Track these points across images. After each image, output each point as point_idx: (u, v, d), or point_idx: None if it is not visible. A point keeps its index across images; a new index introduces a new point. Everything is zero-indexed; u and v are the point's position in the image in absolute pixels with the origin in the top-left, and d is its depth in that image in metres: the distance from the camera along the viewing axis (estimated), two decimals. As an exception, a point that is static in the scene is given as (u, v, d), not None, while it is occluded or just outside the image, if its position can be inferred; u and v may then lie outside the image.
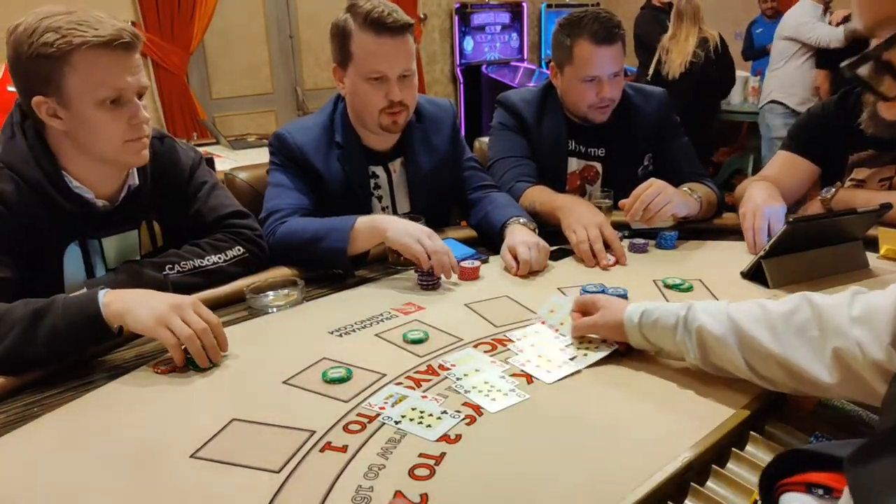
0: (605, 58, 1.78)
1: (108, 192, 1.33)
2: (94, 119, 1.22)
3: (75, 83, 1.18)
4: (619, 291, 1.32)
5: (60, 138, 1.25)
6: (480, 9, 6.03)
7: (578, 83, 1.82)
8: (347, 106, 1.69)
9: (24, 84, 1.22)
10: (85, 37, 1.16)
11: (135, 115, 1.25)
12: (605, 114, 1.87)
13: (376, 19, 1.52)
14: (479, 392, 0.99)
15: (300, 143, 1.63)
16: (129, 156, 1.28)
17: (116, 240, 1.37)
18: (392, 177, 1.74)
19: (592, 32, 1.76)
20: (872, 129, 1.65)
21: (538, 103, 1.95)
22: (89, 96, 1.20)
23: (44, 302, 1.09)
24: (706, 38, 4.23)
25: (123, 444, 0.90)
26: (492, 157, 1.96)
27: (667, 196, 1.57)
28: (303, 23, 5.22)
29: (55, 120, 1.22)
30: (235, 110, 5.04)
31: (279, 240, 1.50)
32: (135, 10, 4.34)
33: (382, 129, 1.63)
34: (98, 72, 1.19)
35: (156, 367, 1.11)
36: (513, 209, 1.66)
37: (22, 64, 1.19)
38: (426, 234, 1.40)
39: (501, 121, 1.98)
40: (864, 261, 1.45)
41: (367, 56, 1.55)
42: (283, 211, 1.56)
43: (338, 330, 1.23)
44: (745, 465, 0.83)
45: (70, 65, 1.17)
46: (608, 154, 1.96)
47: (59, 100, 1.20)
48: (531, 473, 0.81)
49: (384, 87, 1.57)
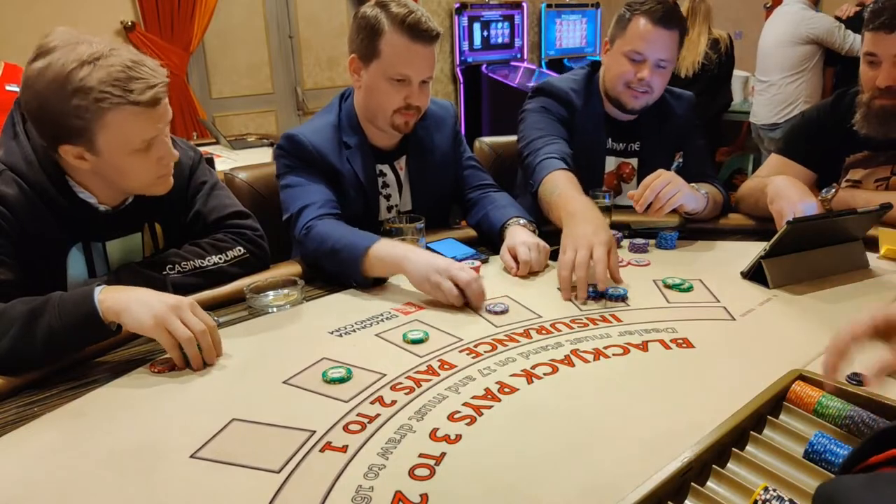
0: (656, 39, 1.75)
1: (111, 199, 1.33)
2: (126, 166, 1.21)
3: (109, 139, 1.17)
4: (619, 292, 1.32)
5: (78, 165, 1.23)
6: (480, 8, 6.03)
7: (622, 57, 1.79)
8: (357, 101, 1.67)
9: (49, 132, 1.18)
10: (121, 103, 1.13)
11: (164, 156, 1.25)
12: (639, 100, 1.82)
13: (414, 24, 1.51)
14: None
15: (317, 144, 1.61)
16: (157, 188, 1.29)
17: (120, 242, 1.36)
18: (399, 175, 1.75)
19: (653, 11, 1.75)
20: (866, 129, 1.66)
21: (584, 93, 1.92)
22: (123, 149, 1.19)
23: (40, 300, 1.08)
24: (717, 38, 4.22)
25: (123, 444, 0.90)
26: (528, 137, 1.83)
27: (675, 186, 1.58)
28: (303, 23, 5.22)
29: (82, 162, 1.20)
30: (235, 110, 5.04)
31: (313, 239, 1.47)
32: (135, 10, 4.33)
33: (393, 127, 1.63)
34: (134, 129, 1.17)
35: (153, 366, 1.11)
36: (513, 209, 1.66)
37: (48, 115, 1.14)
38: (446, 271, 1.30)
39: (545, 105, 1.89)
40: (864, 261, 1.45)
41: (396, 57, 1.54)
42: (316, 203, 1.53)
43: (338, 330, 1.23)
44: (745, 465, 0.83)
45: (104, 125, 1.15)
46: (643, 149, 1.95)
47: (89, 148, 1.18)
48: (531, 473, 0.81)
49: (405, 89, 1.57)
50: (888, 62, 1.58)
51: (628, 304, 1.31)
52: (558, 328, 1.20)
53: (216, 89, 4.94)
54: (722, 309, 1.28)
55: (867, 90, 1.65)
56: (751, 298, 1.32)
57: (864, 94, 1.66)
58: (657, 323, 1.21)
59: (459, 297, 1.29)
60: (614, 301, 1.32)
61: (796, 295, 1.33)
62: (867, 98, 1.64)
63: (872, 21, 1.58)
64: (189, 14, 4.47)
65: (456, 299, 1.29)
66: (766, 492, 0.74)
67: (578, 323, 1.22)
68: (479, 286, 1.30)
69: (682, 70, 4.21)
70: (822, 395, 0.91)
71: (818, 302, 1.30)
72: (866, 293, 1.33)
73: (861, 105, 1.67)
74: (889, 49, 1.57)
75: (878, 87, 1.60)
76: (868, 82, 1.64)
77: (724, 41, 4.23)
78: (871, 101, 1.64)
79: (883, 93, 1.60)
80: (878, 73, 1.60)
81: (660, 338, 1.16)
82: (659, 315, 1.25)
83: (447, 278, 1.29)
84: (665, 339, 1.15)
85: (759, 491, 0.75)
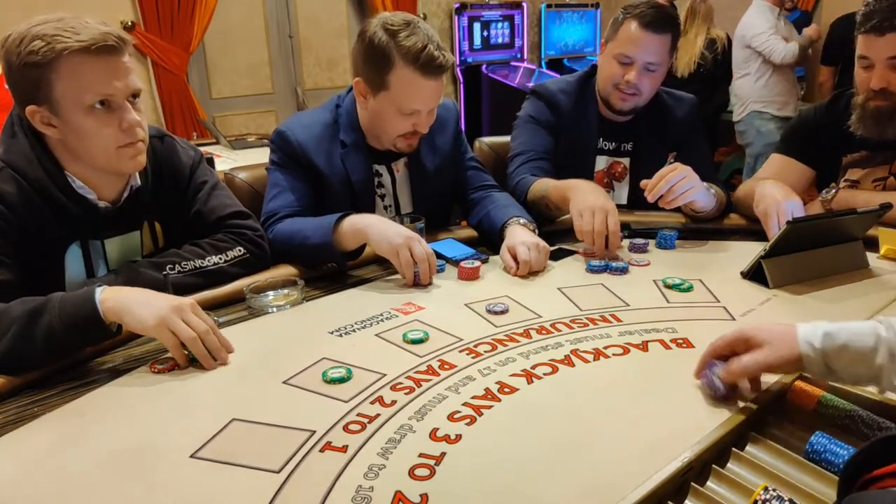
0: (645, 43, 1.76)
1: (110, 194, 1.33)
2: (84, 126, 1.21)
3: (62, 90, 1.18)
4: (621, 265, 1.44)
5: (58, 144, 1.26)
6: (480, 9, 6.03)
7: (612, 59, 1.81)
8: (361, 115, 1.67)
9: (18, 93, 1.22)
10: (67, 43, 1.15)
11: (124, 119, 1.23)
12: (626, 102, 1.84)
13: (427, 62, 1.48)
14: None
15: (301, 141, 1.62)
16: (124, 162, 1.27)
17: (119, 241, 1.36)
18: (395, 176, 1.74)
19: (643, 15, 1.75)
20: (861, 130, 1.67)
21: (575, 95, 1.94)
22: (76, 102, 1.19)
23: (40, 300, 1.08)
24: (714, 39, 4.24)
25: (123, 444, 0.90)
26: (513, 149, 1.93)
27: (690, 182, 1.58)
28: (302, 23, 5.22)
29: (50, 128, 1.22)
30: (235, 110, 5.04)
31: (274, 242, 1.51)
32: (135, 10, 4.33)
33: (396, 149, 1.64)
34: (83, 77, 1.18)
35: (153, 366, 1.11)
36: (513, 209, 1.66)
37: (13, 73, 1.19)
38: (407, 242, 1.38)
39: (532, 113, 1.95)
40: (864, 261, 1.45)
41: (406, 93, 1.52)
42: (279, 213, 1.57)
43: (338, 330, 1.22)
44: (745, 465, 0.83)
45: (56, 72, 1.17)
46: (636, 149, 1.95)
47: (51, 108, 1.20)
48: (531, 473, 0.81)
49: (413, 118, 1.57)
50: (881, 65, 1.58)
51: (628, 304, 1.31)
52: (558, 328, 1.20)
53: (216, 89, 4.94)
54: (722, 309, 1.28)
55: (862, 92, 1.66)
56: (751, 298, 1.32)
57: (859, 95, 1.67)
58: (657, 323, 1.21)
59: (412, 271, 1.39)
60: (616, 273, 1.45)
61: (796, 295, 1.33)
62: (862, 99, 1.65)
63: (864, 24, 1.58)
64: (189, 14, 4.47)
65: (408, 268, 1.38)
66: (766, 492, 0.74)
67: (578, 323, 1.22)
68: (423, 270, 1.39)
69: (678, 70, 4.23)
70: (822, 394, 0.91)
71: (818, 302, 1.30)
72: (866, 293, 1.33)
73: (856, 107, 1.68)
74: (881, 52, 1.57)
75: (871, 90, 1.61)
76: (862, 84, 1.65)
77: (722, 41, 4.24)
78: (865, 103, 1.65)
79: (877, 94, 1.61)
80: (872, 75, 1.60)
81: (660, 338, 1.16)
82: (659, 315, 1.25)
83: (407, 248, 1.37)
84: (665, 339, 1.15)
85: (759, 491, 0.75)
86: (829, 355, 0.86)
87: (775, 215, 1.53)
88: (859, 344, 0.85)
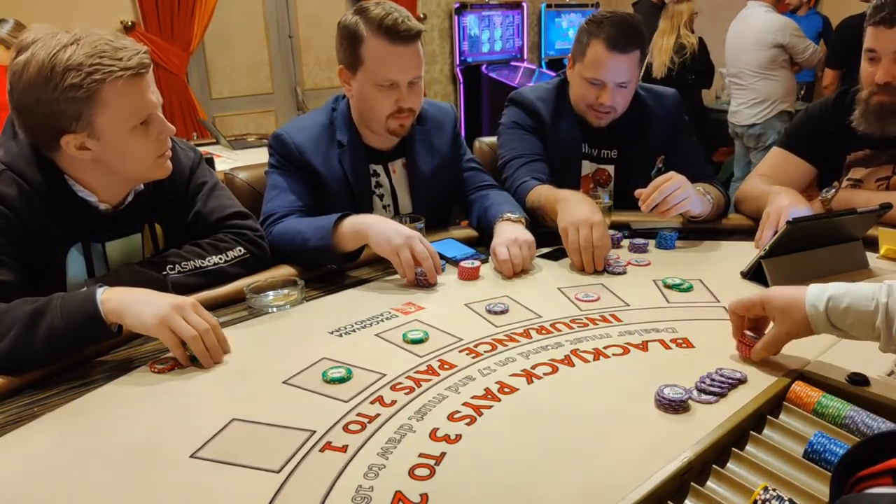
0: (614, 65, 1.74)
1: (114, 199, 1.33)
2: (129, 146, 1.22)
3: (109, 117, 1.17)
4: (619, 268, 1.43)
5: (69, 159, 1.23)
6: (480, 9, 6.03)
7: (583, 81, 1.80)
8: (352, 107, 1.68)
9: (48, 126, 1.17)
10: (113, 71, 1.14)
11: (162, 131, 1.25)
12: (602, 119, 1.84)
13: (391, 27, 1.50)
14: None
15: (298, 144, 1.63)
16: (157, 171, 1.30)
17: (120, 243, 1.36)
18: (392, 176, 1.74)
19: (608, 37, 1.72)
20: (864, 126, 1.66)
21: (553, 103, 1.93)
22: (123, 126, 1.19)
23: (42, 301, 1.08)
24: (683, 44, 4.29)
25: (123, 444, 0.90)
26: (504, 156, 1.91)
27: (685, 191, 1.57)
28: (302, 23, 5.22)
29: (83, 152, 1.21)
30: (235, 110, 5.04)
31: (272, 244, 1.51)
32: (135, 10, 4.34)
33: (389, 132, 1.64)
34: (130, 101, 1.18)
35: (153, 366, 1.11)
36: (506, 206, 1.65)
37: (43, 106, 1.14)
38: (407, 241, 1.38)
39: (515, 119, 1.94)
40: (864, 261, 1.45)
41: (378, 63, 1.54)
42: (277, 213, 1.57)
43: (338, 330, 1.23)
44: (745, 465, 0.83)
45: (101, 101, 1.15)
46: (620, 156, 1.94)
47: (91, 133, 1.18)
48: (531, 473, 0.81)
49: (394, 93, 1.57)
50: (888, 58, 1.57)
51: (628, 304, 1.31)
52: (558, 328, 1.20)
53: (216, 89, 4.95)
54: (722, 309, 1.27)
55: (866, 86, 1.64)
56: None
57: (864, 90, 1.65)
58: (657, 323, 1.21)
59: (413, 271, 1.38)
60: (615, 275, 1.45)
61: (796, 295, 1.33)
62: (866, 94, 1.64)
63: (874, 16, 1.57)
64: (189, 14, 4.48)
65: (408, 268, 1.37)
66: (766, 491, 0.74)
67: (578, 323, 1.22)
68: (428, 268, 1.38)
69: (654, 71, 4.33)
70: (821, 395, 0.92)
71: (818, 302, 1.30)
72: (866, 293, 1.33)
73: (860, 102, 1.66)
74: (889, 44, 1.56)
75: (876, 84, 1.60)
76: (867, 78, 1.63)
77: (692, 46, 4.31)
78: (869, 98, 1.63)
79: (881, 89, 1.60)
80: (878, 68, 1.59)
81: (660, 338, 1.16)
82: (659, 315, 1.25)
83: (407, 247, 1.37)
84: (665, 339, 1.15)
85: (759, 491, 0.75)
86: (833, 317, 0.94)
87: (775, 219, 1.51)
88: (860, 308, 0.92)
